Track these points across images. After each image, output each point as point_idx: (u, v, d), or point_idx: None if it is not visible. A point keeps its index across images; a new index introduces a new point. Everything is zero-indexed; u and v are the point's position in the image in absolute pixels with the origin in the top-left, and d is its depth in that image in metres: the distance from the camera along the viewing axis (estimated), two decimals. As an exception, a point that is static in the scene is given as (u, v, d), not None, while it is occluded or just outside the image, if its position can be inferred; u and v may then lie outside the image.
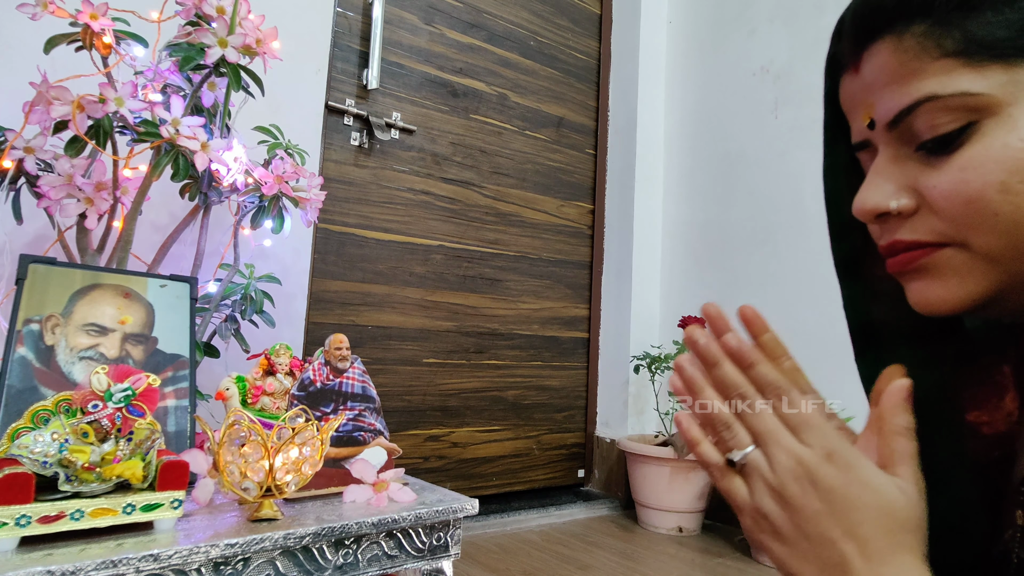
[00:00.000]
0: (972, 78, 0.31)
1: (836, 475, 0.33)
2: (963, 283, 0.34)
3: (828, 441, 0.34)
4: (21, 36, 1.08)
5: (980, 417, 0.38)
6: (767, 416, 0.36)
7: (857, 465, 0.33)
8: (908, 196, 0.34)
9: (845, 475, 0.33)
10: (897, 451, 0.34)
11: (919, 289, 0.36)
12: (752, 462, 0.35)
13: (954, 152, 0.32)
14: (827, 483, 0.33)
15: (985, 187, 0.31)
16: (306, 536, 0.76)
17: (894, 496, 0.33)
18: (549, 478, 2.00)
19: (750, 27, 1.98)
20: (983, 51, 0.31)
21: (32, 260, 0.86)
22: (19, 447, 0.66)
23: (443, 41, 1.82)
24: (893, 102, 0.34)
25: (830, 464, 0.33)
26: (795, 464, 0.34)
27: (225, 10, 0.94)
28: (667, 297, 2.12)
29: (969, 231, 0.32)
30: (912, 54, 0.33)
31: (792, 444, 0.34)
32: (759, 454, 0.35)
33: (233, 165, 1.02)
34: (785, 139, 1.84)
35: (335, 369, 1.01)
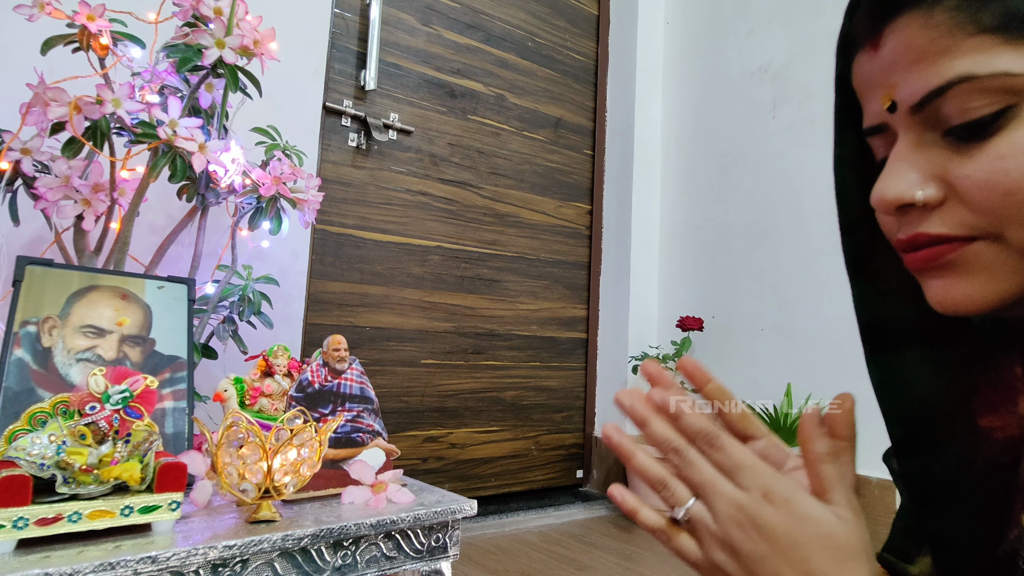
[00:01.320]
0: (1013, 57, 0.28)
1: (775, 514, 0.33)
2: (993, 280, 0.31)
3: (763, 481, 0.34)
4: (18, 37, 1.08)
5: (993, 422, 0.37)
6: (701, 466, 0.35)
7: (793, 500, 0.33)
8: (935, 186, 0.32)
9: (784, 512, 0.33)
10: (824, 478, 0.34)
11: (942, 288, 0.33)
12: (695, 515, 0.35)
13: (990, 138, 0.29)
14: (768, 524, 0.33)
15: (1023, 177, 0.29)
16: (304, 537, 0.76)
17: (832, 524, 0.32)
18: (547, 479, 2.00)
19: (748, 27, 1.98)
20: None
21: (29, 262, 0.86)
22: (16, 449, 0.65)
23: (441, 42, 1.82)
24: (920, 83, 0.31)
25: (768, 504, 0.33)
26: (735, 511, 0.34)
27: (223, 11, 0.94)
28: (665, 297, 2.12)
29: (1006, 224, 0.30)
30: (943, 30, 0.30)
31: (730, 490, 0.34)
32: (701, 506, 0.35)
33: (231, 166, 1.02)
34: (783, 139, 1.84)
35: (333, 370, 1.01)
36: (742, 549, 0.33)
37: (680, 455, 0.36)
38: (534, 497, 1.93)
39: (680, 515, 0.36)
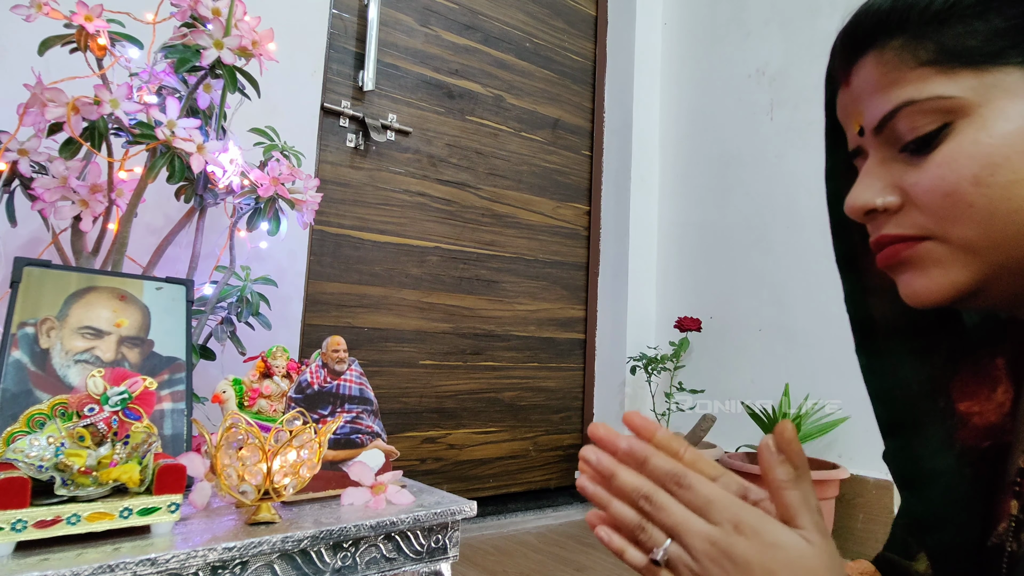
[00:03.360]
0: (945, 83, 0.34)
1: (748, 545, 0.34)
2: (945, 274, 0.36)
3: (733, 513, 0.35)
4: (15, 38, 1.08)
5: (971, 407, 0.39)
6: (672, 507, 0.37)
7: (763, 529, 0.34)
8: (893, 194, 0.37)
9: (755, 542, 0.34)
10: (789, 504, 0.35)
11: (906, 281, 0.38)
12: (673, 555, 0.36)
13: (932, 151, 0.35)
14: (742, 556, 0.34)
15: (960, 181, 0.34)
16: (304, 539, 0.76)
17: (802, 548, 0.34)
18: (546, 479, 2.00)
19: (745, 30, 1.99)
20: (954, 59, 0.34)
21: (27, 263, 0.86)
22: (15, 451, 0.65)
23: (439, 43, 1.82)
24: (877, 109, 0.37)
25: (740, 536, 0.34)
26: (709, 546, 0.35)
27: (221, 12, 0.94)
28: (663, 298, 2.13)
29: (947, 223, 0.35)
30: (892, 65, 0.36)
31: (702, 527, 0.35)
32: (677, 547, 0.36)
33: (229, 167, 1.02)
34: (780, 141, 1.85)
35: (332, 371, 1.00)
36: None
37: (650, 501, 0.37)
38: (532, 498, 1.93)
39: (659, 556, 0.37)
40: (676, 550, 0.36)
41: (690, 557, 0.35)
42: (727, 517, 0.35)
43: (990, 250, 0.34)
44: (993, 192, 0.33)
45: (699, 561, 0.35)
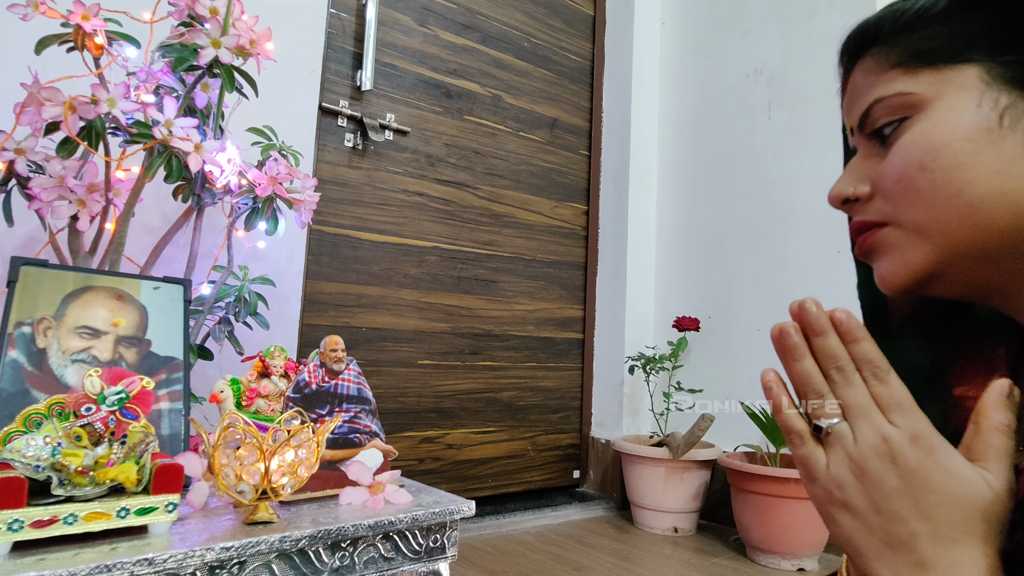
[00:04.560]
0: (907, 81, 0.38)
1: (919, 457, 0.34)
2: (902, 258, 0.39)
3: (917, 425, 0.35)
4: (12, 37, 1.07)
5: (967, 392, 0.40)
6: (861, 391, 0.36)
7: (942, 452, 0.34)
8: (865, 184, 0.41)
9: (928, 458, 0.34)
10: (992, 446, 0.35)
11: (876, 268, 0.41)
12: (837, 432, 0.36)
13: (894, 142, 0.39)
14: (909, 463, 0.34)
15: (908, 167, 0.37)
16: (302, 539, 0.76)
17: (978, 485, 0.33)
18: (544, 479, 2.00)
19: (743, 29, 1.99)
20: (916, 59, 0.38)
21: (23, 262, 0.86)
22: (11, 451, 0.65)
23: (437, 42, 1.82)
24: (858, 108, 0.41)
25: (915, 446, 0.34)
26: (880, 441, 0.35)
27: (218, 11, 0.94)
28: (661, 298, 2.13)
29: (901, 208, 0.38)
30: (871, 70, 0.41)
31: (880, 422, 0.35)
32: (846, 426, 0.36)
33: (227, 167, 1.02)
34: (778, 140, 1.85)
35: (330, 371, 1.00)
36: (873, 476, 0.34)
37: (843, 373, 0.37)
38: (531, 498, 1.93)
39: (824, 425, 0.37)
40: (843, 429, 0.36)
41: (854, 441, 0.35)
42: (910, 426, 0.34)
43: (937, 233, 0.37)
44: (936, 176, 0.36)
45: (861, 448, 0.35)
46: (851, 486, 0.35)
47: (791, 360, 0.38)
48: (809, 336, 0.38)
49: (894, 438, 0.34)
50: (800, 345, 0.38)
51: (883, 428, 0.35)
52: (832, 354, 0.37)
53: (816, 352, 0.38)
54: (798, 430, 0.38)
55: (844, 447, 0.36)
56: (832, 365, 0.37)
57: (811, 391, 0.38)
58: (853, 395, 0.36)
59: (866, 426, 0.35)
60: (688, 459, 1.70)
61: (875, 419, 0.35)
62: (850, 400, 0.36)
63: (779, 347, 0.39)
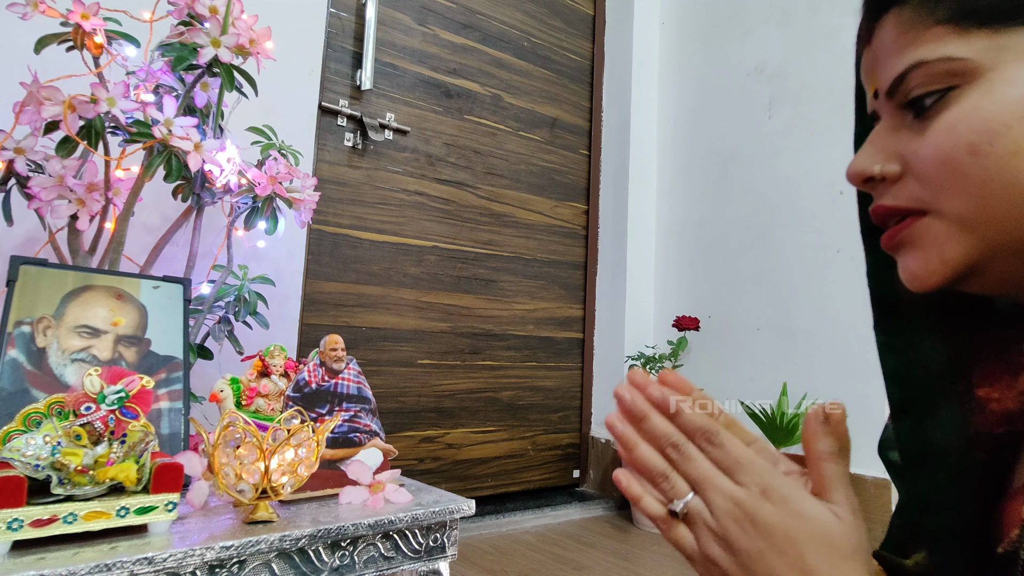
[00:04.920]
0: (957, 44, 0.32)
1: (773, 511, 0.33)
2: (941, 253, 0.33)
3: (762, 478, 0.34)
4: (11, 36, 1.07)
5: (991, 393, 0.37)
6: (700, 461, 0.36)
7: (792, 497, 0.34)
8: (894, 161, 0.35)
9: (782, 509, 0.33)
10: (826, 476, 0.34)
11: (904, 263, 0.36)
12: (693, 510, 0.36)
13: (936, 117, 0.32)
14: (766, 521, 0.33)
15: (955, 149, 0.31)
16: (302, 538, 0.76)
17: (830, 523, 0.33)
18: (544, 479, 2.00)
19: (744, 27, 1.99)
20: (970, 18, 0.31)
21: (23, 261, 0.86)
22: (11, 450, 0.65)
23: (436, 42, 1.82)
24: (891, 71, 0.34)
25: (766, 501, 0.34)
26: (733, 506, 0.34)
27: (218, 10, 0.94)
28: (661, 297, 2.13)
29: (942, 195, 0.33)
30: (909, 24, 0.33)
31: (728, 486, 0.35)
32: (699, 501, 0.36)
33: (226, 166, 1.01)
34: (779, 139, 1.85)
35: (330, 370, 1.00)
36: (738, 544, 0.34)
37: (679, 450, 0.36)
38: (531, 497, 1.93)
39: (678, 508, 0.36)
40: (697, 505, 0.35)
41: (710, 514, 0.35)
42: (756, 480, 0.34)
43: (984, 226, 0.32)
44: (989, 163, 0.31)
45: (719, 519, 0.34)
46: (723, 559, 0.35)
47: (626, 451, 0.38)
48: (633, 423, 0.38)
49: (745, 500, 0.34)
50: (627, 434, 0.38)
51: (732, 492, 0.34)
52: (660, 434, 0.37)
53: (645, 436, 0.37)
54: (660, 516, 0.37)
55: (704, 522, 0.35)
56: (666, 444, 0.37)
57: (655, 475, 0.37)
58: (695, 468, 0.36)
59: (716, 495, 0.35)
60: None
61: (722, 486, 0.35)
62: (693, 474, 0.36)
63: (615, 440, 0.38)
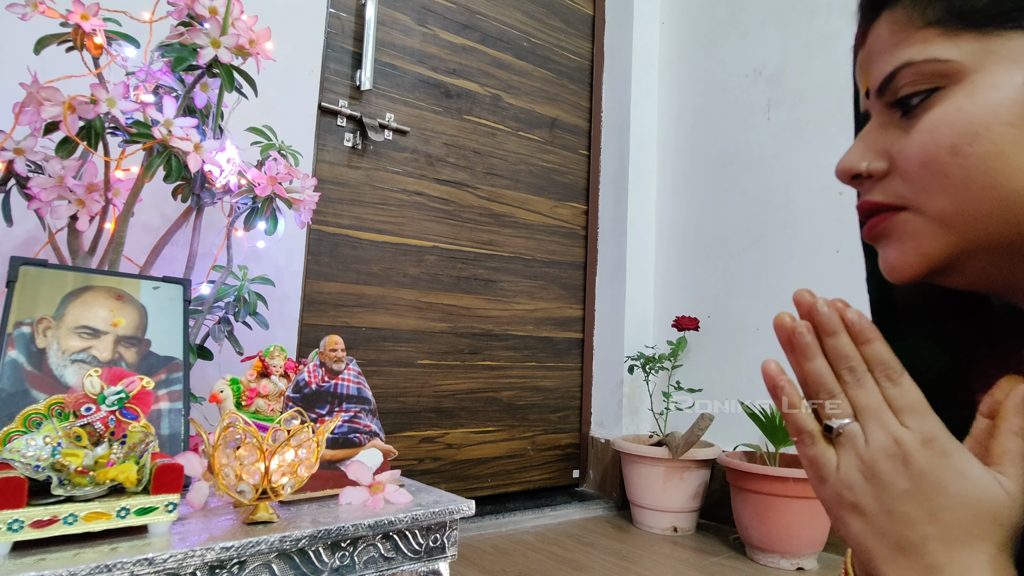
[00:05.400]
0: (945, 46, 0.33)
1: (931, 459, 0.33)
2: (919, 247, 0.35)
3: (930, 428, 0.34)
4: (11, 36, 1.07)
5: None
6: (873, 393, 0.35)
7: (955, 455, 0.33)
8: (880, 159, 0.36)
9: (940, 461, 0.33)
10: (1009, 450, 0.34)
11: (884, 255, 0.37)
12: (848, 433, 0.35)
13: (921, 116, 0.34)
14: (920, 466, 0.33)
15: (938, 149, 0.33)
16: (302, 538, 0.76)
17: (991, 488, 0.32)
18: (544, 479, 2.00)
19: (742, 29, 1.99)
20: (959, 20, 0.32)
21: (23, 262, 0.86)
22: (11, 451, 0.65)
23: (436, 42, 1.82)
24: (881, 69, 0.36)
25: (927, 449, 0.33)
26: (892, 443, 0.34)
27: (217, 10, 0.94)
28: (661, 297, 2.13)
29: (923, 193, 0.34)
30: (900, 25, 0.35)
31: (892, 423, 0.34)
32: (857, 427, 0.35)
33: (226, 166, 1.01)
34: (777, 141, 1.85)
35: (330, 371, 1.00)
36: (884, 478, 0.34)
37: (855, 374, 0.36)
38: (531, 497, 1.93)
39: (836, 425, 0.36)
40: (854, 430, 0.35)
41: (865, 442, 0.34)
42: (923, 428, 0.33)
43: (963, 224, 0.33)
44: (970, 163, 0.32)
45: (873, 449, 0.34)
46: (861, 488, 0.34)
47: (803, 359, 0.37)
48: (820, 335, 0.37)
49: (906, 440, 0.33)
50: (813, 344, 0.37)
51: (895, 430, 0.34)
52: (844, 354, 0.36)
53: (828, 352, 0.37)
54: (809, 430, 0.37)
55: (855, 448, 0.35)
56: (844, 365, 0.36)
57: (823, 391, 0.36)
58: (865, 396, 0.35)
59: (878, 428, 0.34)
60: (687, 458, 1.70)
61: (887, 421, 0.34)
62: (862, 401, 0.35)
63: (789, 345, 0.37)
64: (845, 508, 0.35)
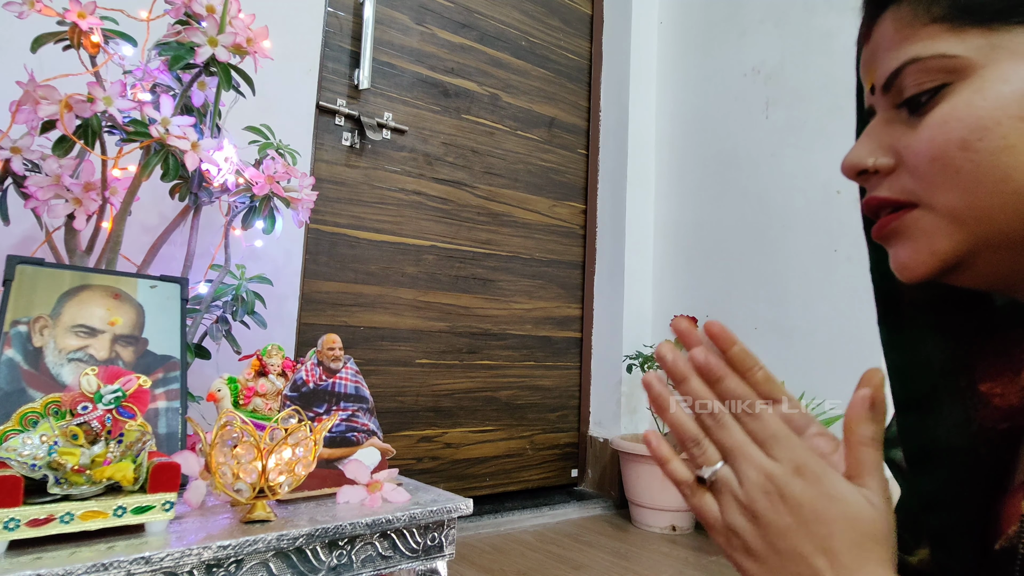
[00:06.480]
0: (952, 42, 0.33)
1: (805, 489, 0.33)
2: (930, 244, 0.34)
3: (796, 455, 0.34)
4: (8, 35, 1.07)
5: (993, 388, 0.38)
6: (735, 431, 0.36)
7: (825, 478, 0.33)
8: (887, 155, 0.36)
9: (814, 488, 0.33)
10: (863, 461, 0.34)
11: (895, 254, 0.37)
12: (722, 478, 0.35)
13: (929, 112, 0.34)
14: (796, 497, 0.33)
15: (947, 144, 0.32)
16: (300, 537, 0.76)
17: (862, 507, 0.33)
18: (542, 478, 2.00)
19: (741, 28, 1.99)
20: (965, 16, 0.32)
21: (20, 261, 0.85)
22: (7, 450, 0.65)
23: (434, 41, 1.82)
24: (887, 66, 0.35)
25: (799, 478, 0.33)
26: (764, 479, 0.34)
27: (215, 9, 0.94)
28: (659, 296, 2.13)
29: (933, 189, 0.33)
30: (906, 21, 0.34)
31: (761, 459, 0.34)
32: (728, 470, 0.35)
33: (224, 165, 1.01)
34: (776, 140, 1.85)
35: (328, 369, 1.00)
36: (765, 517, 0.34)
37: (715, 418, 0.36)
38: (529, 496, 1.93)
39: (707, 475, 0.36)
40: (726, 474, 0.35)
41: (739, 484, 0.35)
42: (790, 456, 0.34)
43: (974, 221, 0.33)
44: (980, 158, 0.32)
45: (748, 490, 0.34)
46: (746, 530, 0.34)
47: (660, 411, 0.37)
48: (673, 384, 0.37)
49: (777, 474, 0.34)
50: (663, 394, 0.37)
51: (765, 465, 0.34)
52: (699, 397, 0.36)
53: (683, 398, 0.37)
54: (685, 481, 0.37)
55: (731, 492, 0.35)
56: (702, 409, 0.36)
57: (687, 439, 0.37)
58: (728, 436, 0.35)
59: (747, 466, 0.35)
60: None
61: (755, 457, 0.35)
62: (726, 442, 0.35)
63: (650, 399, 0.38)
64: (736, 552, 0.35)
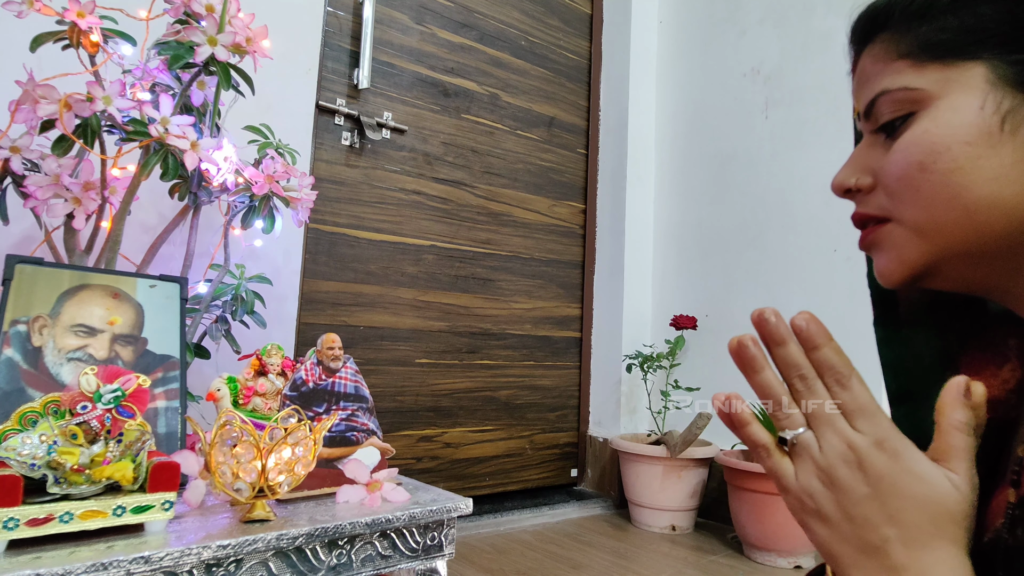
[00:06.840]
0: (914, 75, 0.37)
1: (886, 462, 0.34)
2: (900, 255, 0.39)
3: (881, 430, 0.35)
4: (7, 34, 1.07)
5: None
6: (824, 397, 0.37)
7: (907, 455, 0.34)
8: (867, 175, 0.40)
9: (894, 463, 0.34)
10: (953, 446, 0.35)
11: (875, 262, 0.41)
12: (803, 442, 0.36)
13: (898, 137, 0.38)
14: (876, 469, 0.34)
15: (909, 166, 0.37)
16: (299, 537, 0.76)
17: (943, 487, 0.33)
18: (542, 478, 2.00)
19: (740, 28, 1.99)
20: (925, 53, 0.37)
21: (19, 260, 0.85)
22: (6, 449, 0.65)
23: (434, 41, 1.82)
24: (866, 96, 0.40)
25: (880, 451, 0.34)
26: (846, 448, 0.35)
27: (215, 8, 0.94)
28: (659, 296, 2.13)
29: (902, 206, 0.38)
30: (879, 57, 0.39)
31: (845, 428, 0.35)
32: (811, 435, 0.36)
33: (223, 164, 1.01)
34: (775, 140, 1.85)
35: (327, 369, 1.00)
36: (842, 484, 0.35)
37: (806, 383, 0.37)
38: (529, 496, 1.93)
39: (790, 436, 0.37)
40: (808, 438, 0.36)
41: (819, 450, 0.36)
42: (874, 431, 0.35)
43: (935, 234, 0.37)
44: (935, 179, 0.36)
45: (828, 457, 0.35)
46: (821, 495, 0.35)
47: (751, 372, 0.38)
48: (769, 346, 0.38)
49: (859, 444, 0.35)
50: (758, 356, 0.38)
51: (848, 435, 0.35)
52: (793, 363, 0.37)
53: (777, 362, 0.38)
54: (763, 443, 0.38)
55: (811, 456, 0.36)
56: (794, 374, 0.37)
57: (774, 402, 0.38)
58: (817, 402, 0.36)
59: (831, 434, 0.35)
60: (685, 457, 1.70)
61: (840, 426, 0.35)
62: (814, 408, 0.36)
63: (738, 360, 0.39)
64: (808, 515, 0.36)
